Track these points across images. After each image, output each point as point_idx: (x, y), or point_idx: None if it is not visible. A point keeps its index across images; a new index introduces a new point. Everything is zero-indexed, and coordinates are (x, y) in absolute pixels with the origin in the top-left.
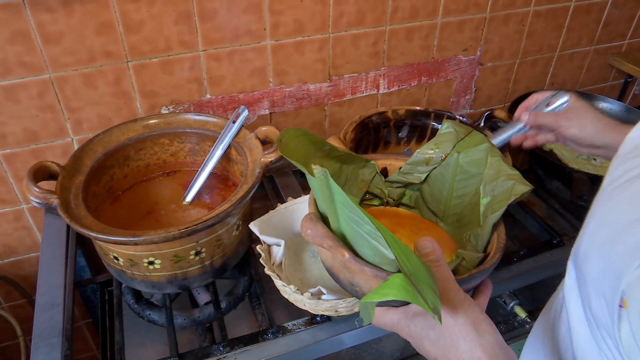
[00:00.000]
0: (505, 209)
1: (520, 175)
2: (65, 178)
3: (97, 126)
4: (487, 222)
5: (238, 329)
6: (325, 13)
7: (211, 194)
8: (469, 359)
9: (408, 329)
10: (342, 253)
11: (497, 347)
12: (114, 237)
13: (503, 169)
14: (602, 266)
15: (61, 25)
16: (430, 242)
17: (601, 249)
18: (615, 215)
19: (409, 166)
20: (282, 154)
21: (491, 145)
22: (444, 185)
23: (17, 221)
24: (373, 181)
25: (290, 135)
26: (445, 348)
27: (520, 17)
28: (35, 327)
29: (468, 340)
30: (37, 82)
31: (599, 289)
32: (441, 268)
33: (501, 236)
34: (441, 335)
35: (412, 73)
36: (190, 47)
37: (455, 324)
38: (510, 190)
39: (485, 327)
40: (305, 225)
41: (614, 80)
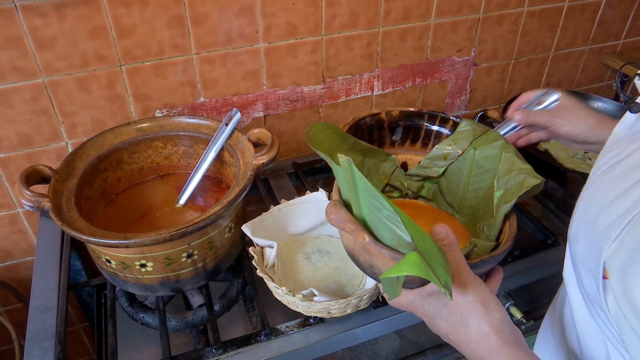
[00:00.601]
0: (516, 200)
1: (532, 169)
2: (57, 181)
3: (91, 130)
4: (499, 213)
5: (234, 331)
6: (317, 15)
7: (205, 197)
8: (477, 333)
9: (422, 307)
10: (362, 236)
11: (504, 323)
12: (104, 240)
13: (516, 163)
14: (587, 244)
15: (54, 29)
16: (444, 228)
17: (586, 228)
18: (597, 198)
19: (428, 161)
20: (309, 145)
21: (505, 142)
22: (460, 179)
23: (12, 225)
24: (393, 174)
25: (317, 129)
26: (455, 324)
27: (514, 17)
28: (29, 330)
29: (477, 317)
30: (31, 86)
31: (586, 264)
32: (454, 252)
33: (512, 226)
34: (452, 312)
35: (406, 74)
36: (183, 51)
37: (465, 301)
38: (522, 183)
39: (494, 306)
40: (330, 210)
41: (610, 79)
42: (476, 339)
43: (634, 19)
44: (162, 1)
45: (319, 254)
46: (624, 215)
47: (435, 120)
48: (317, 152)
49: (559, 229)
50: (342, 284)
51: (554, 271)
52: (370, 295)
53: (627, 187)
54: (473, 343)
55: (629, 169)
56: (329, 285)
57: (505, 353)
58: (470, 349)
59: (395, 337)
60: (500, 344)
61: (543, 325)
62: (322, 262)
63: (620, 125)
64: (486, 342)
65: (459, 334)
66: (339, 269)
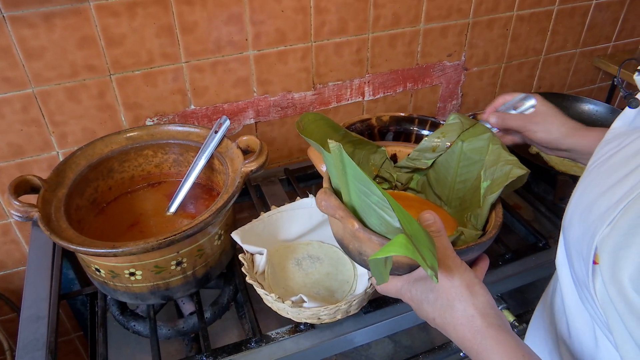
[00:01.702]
0: (502, 189)
1: (518, 160)
2: (47, 191)
3: (82, 139)
4: (486, 202)
5: (226, 338)
6: (306, 22)
7: (196, 204)
8: (463, 316)
9: (409, 293)
10: (352, 223)
11: (489, 307)
12: (93, 249)
13: (502, 155)
14: (581, 230)
15: (42, 40)
16: (432, 215)
17: (580, 215)
18: (594, 186)
19: (417, 153)
20: (301, 135)
21: (492, 135)
22: (448, 171)
23: (5, 235)
24: (383, 166)
25: (309, 119)
26: (442, 308)
27: (503, 21)
28: (20, 340)
29: (462, 300)
30: (21, 96)
31: (579, 250)
32: (441, 238)
33: (498, 215)
34: (439, 296)
35: (397, 79)
36: (172, 59)
37: (452, 285)
38: (508, 173)
39: (479, 290)
40: (320, 197)
41: (602, 82)
42: (462, 321)
43: (624, 21)
44: (151, 10)
45: (309, 260)
46: (619, 200)
47: (426, 125)
48: (309, 140)
49: (550, 232)
50: (333, 290)
51: (546, 274)
52: (359, 300)
53: (625, 174)
54: (459, 326)
55: (627, 157)
56: (320, 291)
57: (489, 335)
58: (456, 332)
59: (388, 342)
60: (484, 327)
61: (535, 313)
62: (313, 268)
63: (619, 121)
64: (471, 325)
65: (445, 317)
66: (330, 274)
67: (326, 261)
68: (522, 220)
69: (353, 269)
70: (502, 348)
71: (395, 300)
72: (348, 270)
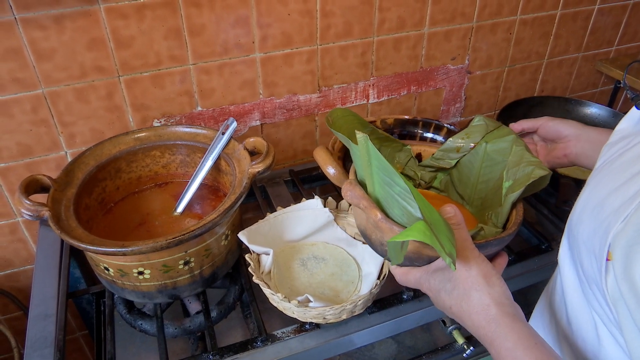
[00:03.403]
0: (523, 188)
1: (540, 162)
2: (56, 191)
3: (90, 140)
4: (507, 201)
5: (231, 337)
6: (312, 25)
7: (202, 205)
8: (478, 305)
9: (428, 283)
10: (375, 213)
11: (504, 297)
12: (102, 248)
13: (525, 156)
14: (592, 227)
15: (53, 41)
16: (453, 208)
17: (592, 212)
18: (605, 183)
19: (441, 152)
20: (330, 129)
21: (516, 137)
22: (471, 171)
23: (12, 234)
24: (408, 164)
25: (338, 115)
26: (459, 297)
27: (507, 25)
28: (28, 338)
29: (479, 289)
30: (31, 97)
31: (590, 247)
32: (461, 230)
33: (519, 213)
34: (456, 286)
35: (401, 82)
36: (180, 61)
37: (469, 275)
38: (530, 174)
39: (495, 280)
40: (346, 187)
41: (604, 85)
42: (477, 310)
43: (627, 25)
44: (160, 13)
45: (314, 260)
46: (633, 196)
47: (430, 128)
48: (337, 134)
49: (552, 234)
50: (338, 290)
51: (548, 276)
52: (365, 301)
53: (637, 171)
54: (474, 314)
55: (638, 154)
56: (325, 291)
57: (503, 323)
58: (471, 320)
59: (392, 343)
60: (499, 315)
61: (535, 312)
62: (318, 269)
63: (625, 122)
64: (486, 313)
65: (462, 306)
66: (335, 275)
67: (331, 262)
68: (525, 222)
69: (358, 269)
70: (515, 336)
71: (399, 300)
72: (353, 271)
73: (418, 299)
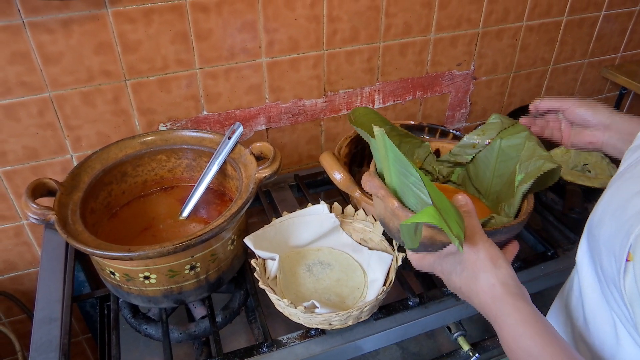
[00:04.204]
0: (533, 180)
1: (551, 156)
2: (63, 195)
3: (96, 143)
4: (518, 192)
5: (236, 342)
6: (319, 30)
7: (208, 209)
8: (485, 285)
9: (440, 266)
10: (392, 202)
11: (510, 278)
12: (109, 252)
13: (537, 151)
14: (614, 228)
15: (60, 45)
16: (464, 197)
17: (613, 213)
18: (626, 187)
19: (459, 148)
20: (352, 125)
21: (530, 133)
22: (487, 166)
23: (17, 237)
24: (426, 159)
25: (360, 113)
26: (468, 279)
27: (512, 31)
28: (33, 341)
29: (486, 271)
30: (37, 100)
31: (610, 248)
32: (471, 217)
33: (530, 203)
34: (465, 268)
35: (407, 88)
36: (187, 66)
37: (477, 258)
38: (540, 167)
39: (502, 263)
40: (365, 178)
41: (609, 92)
42: (484, 289)
43: (632, 32)
44: (167, 17)
45: (320, 266)
46: None
47: (435, 133)
48: (358, 130)
49: (558, 241)
50: (344, 296)
51: (554, 283)
52: (371, 307)
53: None
54: (481, 294)
55: None
56: (331, 297)
57: (507, 302)
58: (478, 299)
59: (396, 349)
60: (504, 294)
61: (550, 312)
62: (324, 274)
63: None
64: (492, 292)
65: (470, 286)
66: (340, 280)
67: (337, 267)
68: (531, 229)
69: (363, 275)
70: (517, 314)
71: (405, 307)
72: (358, 277)
73: (424, 306)
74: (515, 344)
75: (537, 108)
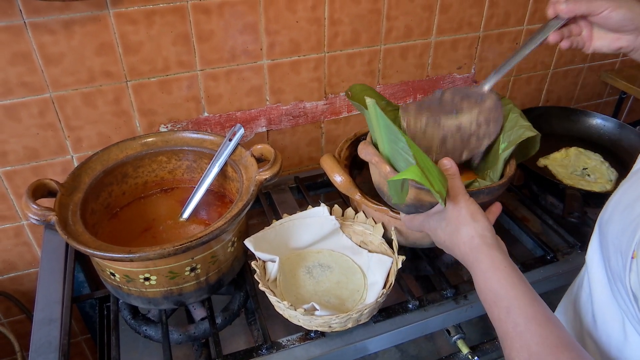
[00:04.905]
0: (514, 147)
1: (531, 126)
2: (63, 195)
3: (97, 144)
4: (500, 157)
5: (235, 344)
6: (320, 33)
7: (208, 211)
8: (465, 236)
9: (428, 224)
10: (384, 167)
11: (487, 230)
12: (110, 253)
13: (519, 121)
14: (622, 226)
15: (62, 46)
16: (449, 161)
17: (622, 212)
18: (636, 187)
19: None
20: (349, 100)
21: (513, 105)
22: None
23: (17, 237)
24: None
25: (357, 89)
26: (451, 233)
27: (513, 35)
28: (33, 342)
29: (466, 224)
30: (38, 101)
31: (617, 245)
32: (455, 179)
33: (511, 168)
34: (448, 223)
35: (407, 90)
36: (188, 67)
37: (459, 214)
38: (521, 135)
39: (480, 217)
40: (361, 147)
41: (609, 96)
42: (464, 240)
43: None
44: (169, 19)
45: (320, 268)
46: None
47: None
48: (354, 104)
49: (557, 245)
50: (343, 299)
51: (553, 287)
52: (371, 309)
53: None
54: (461, 244)
55: None
56: (330, 299)
57: (482, 251)
58: (459, 249)
59: (395, 352)
60: (480, 245)
61: (558, 308)
62: (324, 277)
63: None
64: (470, 243)
65: (453, 239)
66: (340, 283)
67: (337, 270)
68: (530, 233)
69: (363, 277)
70: (489, 260)
71: (404, 309)
72: (358, 279)
73: (423, 309)
74: (485, 286)
75: (559, 13)
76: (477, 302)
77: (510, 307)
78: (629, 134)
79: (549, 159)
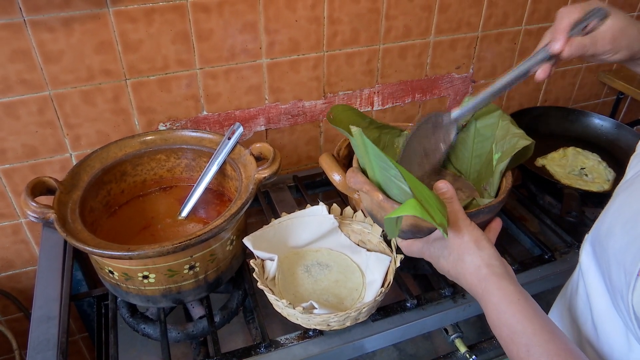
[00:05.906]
0: (510, 158)
1: (524, 133)
2: (62, 193)
3: (96, 142)
4: (496, 170)
5: (233, 342)
6: (319, 32)
7: (207, 209)
8: (471, 266)
9: (429, 251)
10: (377, 195)
11: (493, 258)
12: (109, 251)
13: (511, 129)
14: (625, 241)
15: (61, 44)
16: (445, 184)
17: (624, 226)
18: (636, 198)
19: None
20: (331, 124)
21: (502, 112)
22: (465, 148)
23: (15, 235)
24: None
25: (339, 110)
26: (454, 262)
27: (511, 35)
28: (31, 340)
29: (471, 253)
30: (37, 99)
31: (620, 260)
32: (453, 203)
33: (508, 181)
34: (451, 252)
35: (406, 90)
36: (187, 66)
37: (462, 242)
38: (515, 144)
39: (485, 244)
40: (349, 175)
41: (607, 96)
42: (470, 271)
43: None
44: (168, 17)
45: (318, 267)
46: None
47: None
48: (338, 129)
49: (555, 245)
50: (342, 297)
51: (551, 286)
52: (369, 308)
53: None
54: (468, 275)
55: None
56: (329, 298)
57: (491, 281)
58: (465, 280)
59: (393, 350)
60: (488, 275)
61: (552, 312)
62: (322, 275)
63: None
64: (477, 273)
65: (457, 269)
66: (339, 281)
67: (335, 268)
68: (528, 232)
69: (362, 276)
70: (500, 292)
71: (403, 308)
72: (357, 278)
73: (422, 307)
74: (499, 320)
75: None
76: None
77: (529, 345)
78: (627, 134)
79: (546, 159)
